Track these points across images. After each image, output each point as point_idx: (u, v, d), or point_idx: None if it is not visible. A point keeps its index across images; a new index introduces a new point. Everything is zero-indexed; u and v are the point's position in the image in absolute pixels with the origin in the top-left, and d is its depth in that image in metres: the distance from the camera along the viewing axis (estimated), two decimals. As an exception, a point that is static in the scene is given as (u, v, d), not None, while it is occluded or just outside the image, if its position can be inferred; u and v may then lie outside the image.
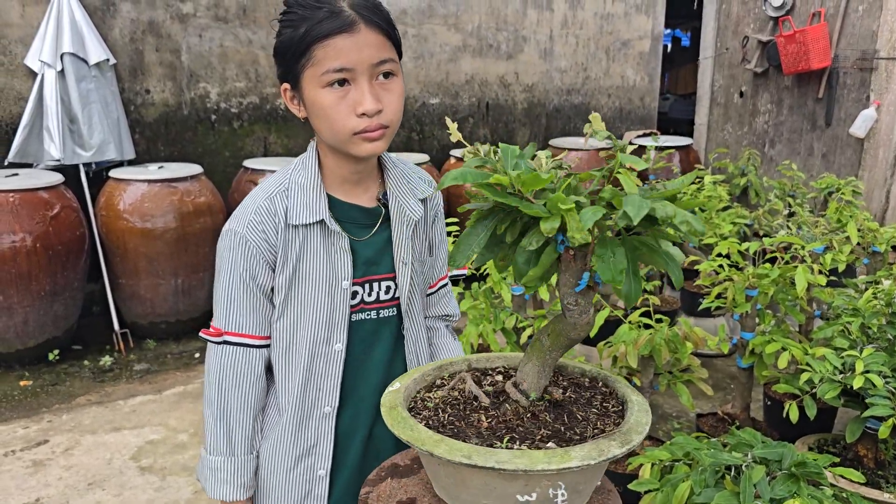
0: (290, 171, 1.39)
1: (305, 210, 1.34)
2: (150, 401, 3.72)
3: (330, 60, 1.22)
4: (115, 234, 4.29)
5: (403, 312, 1.46)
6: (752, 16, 6.90)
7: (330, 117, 1.26)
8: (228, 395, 1.39)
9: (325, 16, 1.22)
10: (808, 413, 2.28)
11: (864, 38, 6.11)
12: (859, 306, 2.37)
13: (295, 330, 1.39)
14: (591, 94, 6.92)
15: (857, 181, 4.60)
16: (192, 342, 4.48)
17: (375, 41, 1.24)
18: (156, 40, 4.77)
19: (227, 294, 1.37)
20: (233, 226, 1.35)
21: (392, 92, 1.28)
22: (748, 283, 2.54)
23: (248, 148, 5.25)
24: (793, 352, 2.35)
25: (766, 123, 6.96)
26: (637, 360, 2.27)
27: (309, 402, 1.42)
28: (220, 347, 1.39)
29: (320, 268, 1.36)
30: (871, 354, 2.17)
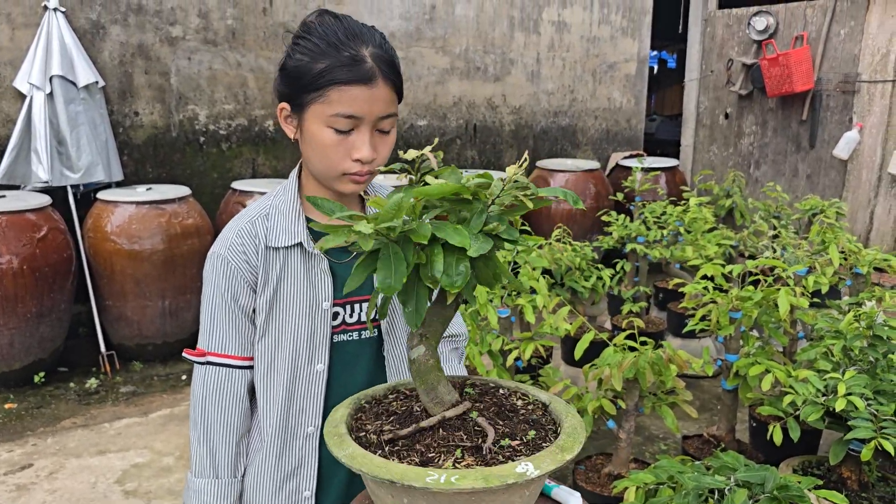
0: (273, 196, 1.44)
1: (284, 233, 1.38)
2: (135, 423, 3.69)
3: (343, 106, 1.26)
4: (102, 256, 4.28)
5: (384, 333, 1.48)
6: (736, 39, 7.00)
7: (327, 155, 1.31)
8: (212, 415, 1.41)
9: (348, 61, 1.26)
10: (792, 435, 2.30)
11: (846, 61, 6.21)
12: (841, 328, 2.40)
13: (277, 350, 1.41)
14: (578, 116, 6.99)
15: (840, 203, 4.66)
16: (179, 364, 4.46)
17: (387, 96, 1.30)
18: (145, 63, 4.79)
19: (210, 315, 1.40)
20: (216, 249, 1.40)
21: (385, 143, 1.34)
22: (732, 305, 2.56)
23: (236, 169, 5.27)
24: (776, 374, 2.37)
25: (752, 145, 7.04)
26: (622, 383, 2.28)
27: (292, 422, 1.43)
28: (204, 368, 1.41)
29: (301, 289, 1.39)
30: (853, 377, 2.20)
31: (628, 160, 6.71)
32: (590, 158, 7.10)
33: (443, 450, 0.96)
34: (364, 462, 0.93)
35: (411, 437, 1.00)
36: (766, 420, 3.00)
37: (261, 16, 5.16)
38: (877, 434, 2.07)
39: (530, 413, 1.08)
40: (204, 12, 4.94)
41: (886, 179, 6.06)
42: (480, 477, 0.86)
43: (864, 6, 6.05)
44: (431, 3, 5.89)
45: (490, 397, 1.13)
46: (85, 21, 4.54)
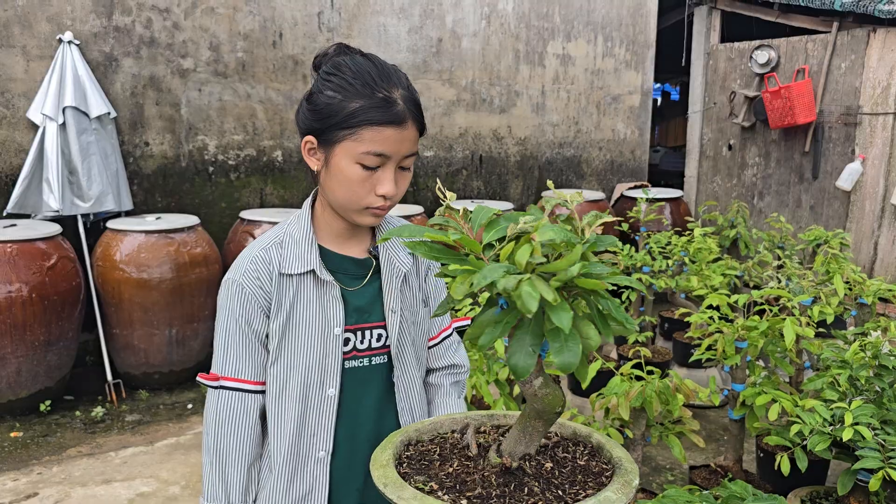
0: (286, 225, 1.48)
1: (297, 260, 1.42)
2: (141, 452, 3.69)
3: (376, 145, 1.31)
4: (110, 285, 4.31)
5: (393, 359, 1.50)
6: (738, 72, 7.08)
7: (353, 190, 1.35)
8: (224, 440, 1.43)
9: (381, 103, 1.31)
10: (800, 465, 2.30)
11: (848, 94, 6.28)
12: (847, 358, 2.41)
13: (289, 375, 1.44)
14: (583, 148, 7.05)
15: (844, 233, 4.68)
16: (185, 393, 4.47)
17: (413, 137, 1.36)
18: (156, 94, 4.87)
19: (224, 340, 1.44)
20: (230, 275, 1.44)
21: (405, 179, 1.40)
22: (737, 335, 2.57)
23: (244, 199, 5.32)
24: (783, 404, 2.37)
25: (755, 176, 7.09)
26: (629, 412, 2.28)
27: (303, 448, 1.45)
28: (217, 392, 1.44)
29: (313, 315, 1.43)
30: (860, 406, 2.20)
31: (633, 191, 6.76)
32: (595, 189, 7.15)
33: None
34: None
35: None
36: (773, 450, 2.99)
37: (270, 48, 5.25)
38: (885, 464, 2.07)
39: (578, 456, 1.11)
40: (215, 45, 5.03)
41: (890, 210, 6.08)
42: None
43: (864, 40, 6.13)
44: (438, 37, 5.98)
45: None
46: (98, 53, 4.63)
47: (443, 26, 6.01)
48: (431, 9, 5.93)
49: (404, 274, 1.50)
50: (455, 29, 6.08)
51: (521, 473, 1.07)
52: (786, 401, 2.38)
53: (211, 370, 1.46)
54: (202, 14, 4.96)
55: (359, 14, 5.58)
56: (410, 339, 1.52)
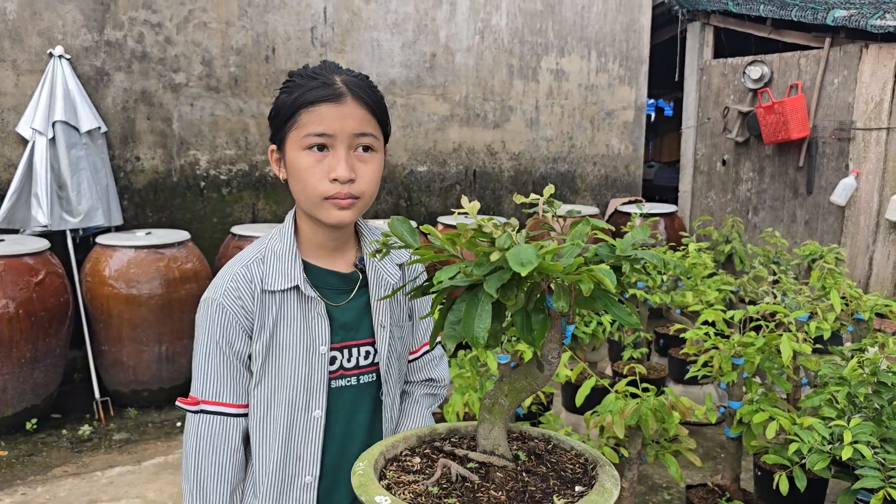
0: (268, 240, 1.42)
1: (280, 276, 1.36)
2: (128, 472, 3.62)
3: (313, 125, 1.28)
4: (99, 301, 4.26)
5: (382, 377, 1.45)
6: (731, 87, 7.09)
7: (304, 179, 1.31)
8: (205, 466, 1.37)
9: (318, 85, 1.30)
10: (798, 484, 2.25)
11: (841, 109, 6.28)
12: (845, 375, 2.37)
13: (273, 397, 1.38)
14: (577, 163, 7.04)
15: (839, 248, 4.65)
16: (174, 411, 4.40)
17: (359, 114, 1.30)
18: (147, 109, 4.84)
19: (204, 362, 1.38)
20: (210, 294, 1.37)
21: (367, 165, 1.33)
22: (734, 351, 2.53)
23: (236, 214, 5.28)
24: (781, 422, 2.33)
25: (749, 191, 7.08)
26: (624, 430, 2.24)
27: (289, 472, 1.40)
28: (198, 417, 1.38)
29: (297, 333, 1.37)
30: (859, 424, 2.16)
31: (627, 206, 6.74)
32: (589, 204, 7.13)
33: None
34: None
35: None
36: (771, 469, 2.94)
37: (263, 63, 5.23)
38: (885, 483, 2.03)
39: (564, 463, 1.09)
40: (207, 60, 5.01)
41: (885, 225, 6.07)
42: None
43: (856, 56, 6.15)
44: (432, 52, 5.98)
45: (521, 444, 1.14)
46: (89, 68, 4.60)
47: (436, 41, 6.01)
48: (425, 24, 5.93)
49: (392, 286, 1.44)
50: (448, 44, 6.07)
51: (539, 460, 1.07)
52: (783, 418, 2.34)
53: (190, 394, 1.40)
54: (195, 29, 4.94)
55: (352, 29, 5.57)
56: (397, 355, 1.48)
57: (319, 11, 5.42)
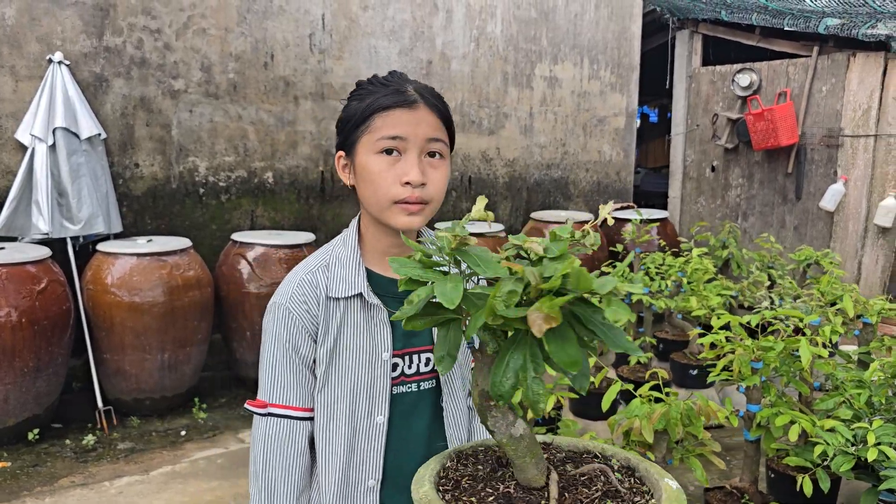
0: (332, 247, 1.45)
1: (344, 284, 1.39)
2: (137, 482, 3.59)
3: (387, 129, 1.31)
4: (101, 309, 4.21)
5: (442, 384, 1.47)
6: (720, 94, 7.20)
7: (376, 182, 1.33)
8: (273, 469, 1.39)
9: (390, 92, 1.33)
10: (822, 486, 2.30)
11: (829, 116, 6.40)
12: (864, 378, 2.42)
13: (337, 402, 1.40)
14: (570, 169, 7.10)
15: (833, 253, 4.75)
16: (178, 419, 4.37)
17: (431, 120, 1.33)
18: (146, 115, 4.81)
19: (271, 366, 1.41)
20: (277, 299, 1.41)
21: (437, 171, 1.35)
22: (754, 355, 2.58)
23: (234, 221, 5.25)
24: (802, 424, 2.37)
25: (739, 197, 7.18)
26: (652, 434, 2.27)
27: (352, 476, 1.42)
28: (265, 420, 1.40)
29: (361, 339, 1.39)
30: (882, 426, 2.21)
31: (619, 212, 6.80)
32: (581, 210, 7.19)
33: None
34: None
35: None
36: (784, 471, 2.99)
37: (262, 70, 5.22)
38: (910, 484, 2.08)
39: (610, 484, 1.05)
40: (206, 66, 4.99)
41: (873, 230, 6.19)
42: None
43: (844, 64, 6.28)
44: (428, 59, 6.00)
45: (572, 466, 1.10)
46: (88, 74, 4.56)
47: (433, 48, 6.04)
48: (422, 31, 5.95)
49: None
50: (445, 51, 6.10)
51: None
52: (805, 421, 2.38)
53: (258, 396, 1.42)
54: (194, 35, 4.92)
55: (350, 36, 5.58)
56: (458, 363, 1.49)
57: (318, 18, 5.42)
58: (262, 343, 1.43)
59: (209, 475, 3.66)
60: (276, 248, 4.68)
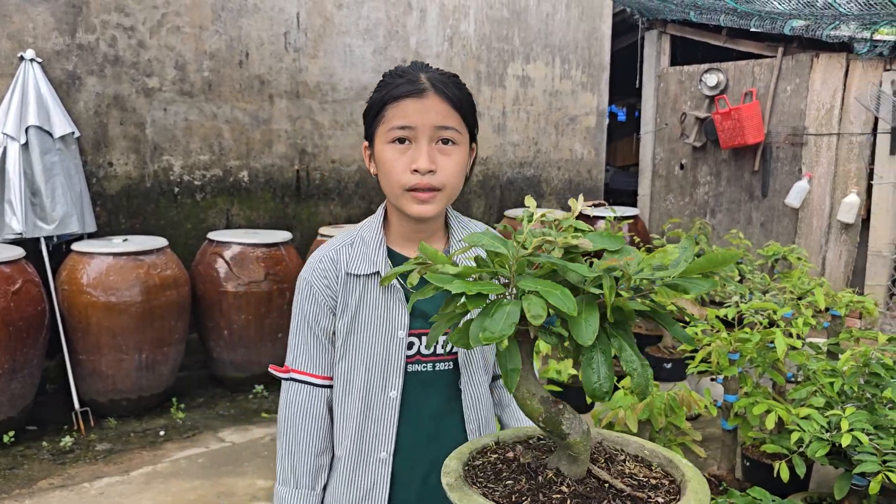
0: (360, 227, 1.52)
1: (365, 261, 1.46)
2: (117, 482, 3.56)
3: (397, 119, 1.37)
4: (76, 309, 4.17)
5: (461, 367, 1.50)
6: (688, 94, 7.34)
7: (388, 171, 1.39)
8: (294, 429, 1.50)
9: (403, 82, 1.38)
10: (799, 471, 2.38)
11: (794, 115, 6.57)
12: (837, 368, 2.52)
13: (352, 374, 1.47)
14: (542, 167, 7.18)
15: (800, 249, 4.88)
16: (156, 419, 4.34)
17: (440, 108, 1.38)
18: (120, 114, 4.76)
19: (295, 335, 1.51)
20: (303, 273, 1.50)
21: (448, 157, 1.40)
22: (731, 347, 2.66)
23: (210, 220, 5.23)
24: (779, 412, 2.46)
25: (707, 194, 7.33)
26: (636, 425, 2.33)
27: (366, 446, 1.48)
28: (288, 384, 1.52)
29: (378, 316, 1.46)
30: (854, 413, 2.30)
31: (591, 209, 6.90)
32: (554, 208, 7.27)
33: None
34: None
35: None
36: (759, 458, 3.09)
37: (237, 68, 5.20)
38: (882, 468, 2.17)
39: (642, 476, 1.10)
40: (181, 64, 4.95)
41: (836, 226, 6.37)
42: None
43: (808, 65, 6.45)
44: (403, 58, 6.03)
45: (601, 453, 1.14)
46: (61, 72, 4.51)
47: (407, 47, 6.07)
48: (396, 30, 5.98)
49: None
50: (419, 50, 6.14)
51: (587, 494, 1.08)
52: (781, 410, 2.47)
53: (285, 363, 1.53)
54: (168, 33, 4.88)
55: (324, 35, 5.58)
56: (479, 349, 1.53)
57: (292, 17, 5.41)
58: (291, 313, 1.53)
59: (191, 475, 3.65)
60: (254, 247, 4.67)
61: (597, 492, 1.02)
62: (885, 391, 2.40)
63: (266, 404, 4.59)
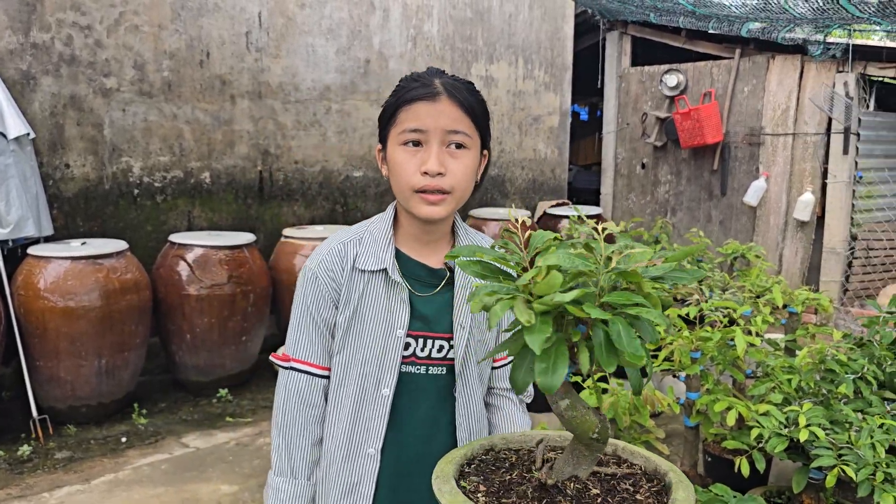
0: (370, 223, 1.54)
1: (372, 258, 1.47)
2: (78, 491, 3.49)
3: (409, 121, 1.39)
4: (33, 314, 4.07)
5: (457, 374, 1.51)
6: (649, 94, 7.44)
7: (399, 172, 1.41)
8: (291, 418, 1.50)
9: (417, 86, 1.41)
10: (759, 466, 2.44)
11: (751, 116, 6.71)
12: (794, 365, 2.58)
13: (349, 368, 1.49)
14: (507, 167, 7.22)
15: (758, 247, 4.98)
16: (117, 426, 4.26)
17: (452, 112, 1.40)
18: (77, 114, 4.67)
19: (297, 324, 1.52)
20: (309, 263, 1.51)
21: (458, 161, 1.42)
22: (693, 346, 2.71)
23: (171, 222, 5.15)
24: (739, 409, 2.51)
25: (668, 193, 7.45)
26: (601, 424, 2.36)
27: (356, 440, 1.49)
28: (287, 372, 1.52)
29: (379, 313, 1.48)
30: (811, 409, 2.36)
31: (555, 208, 6.96)
32: (518, 207, 7.32)
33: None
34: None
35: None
36: (720, 454, 3.15)
37: (198, 68, 5.13)
38: (838, 462, 2.23)
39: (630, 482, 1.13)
40: (140, 64, 4.87)
41: (792, 224, 6.52)
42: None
43: (764, 66, 6.59)
44: (366, 58, 6.01)
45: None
46: (15, 71, 4.40)
47: (370, 47, 6.05)
48: (359, 30, 5.96)
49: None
50: (382, 50, 6.12)
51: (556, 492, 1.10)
52: (742, 406, 2.52)
53: (283, 351, 1.53)
54: (126, 32, 4.80)
55: (287, 34, 5.54)
56: (475, 356, 1.54)
57: (254, 16, 5.36)
58: (293, 302, 1.54)
59: (154, 481, 3.60)
60: (217, 249, 4.61)
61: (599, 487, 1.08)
62: (840, 387, 2.46)
63: (231, 408, 4.54)
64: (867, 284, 6.34)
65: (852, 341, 2.82)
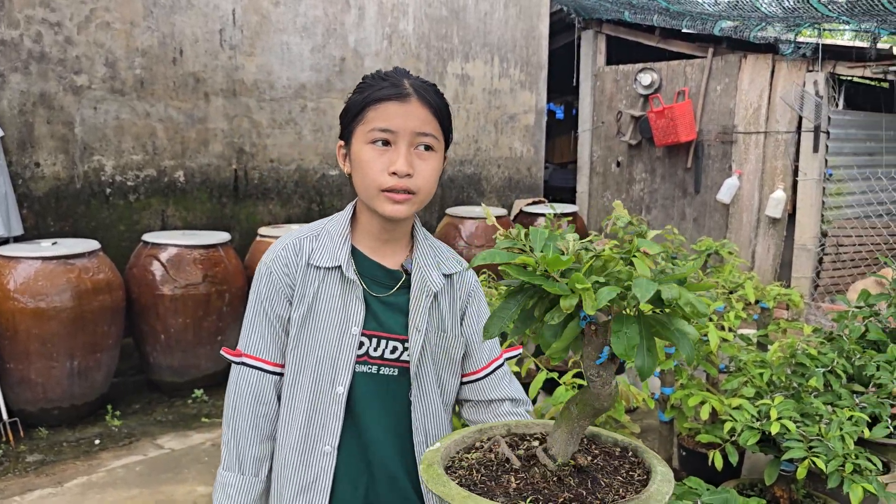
0: (327, 221, 1.53)
1: (327, 255, 1.46)
2: (50, 494, 3.45)
3: (379, 121, 1.38)
4: (3, 316, 4.01)
5: (412, 378, 1.50)
6: (624, 93, 7.50)
7: (365, 171, 1.40)
8: (241, 414, 1.49)
9: (387, 86, 1.40)
10: (731, 459, 2.47)
11: (724, 114, 6.79)
12: (766, 359, 2.61)
13: (303, 365, 1.48)
14: (483, 165, 7.23)
15: (732, 244, 5.04)
16: (90, 428, 4.21)
17: (422, 114, 1.40)
18: (47, 112, 4.60)
19: (250, 319, 1.51)
20: (264, 258, 1.51)
21: (426, 163, 1.42)
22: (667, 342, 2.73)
23: (144, 221, 5.09)
24: (712, 403, 2.54)
25: (642, 191, 7.51)
26: (577, 420, 2.37)
27: (311, 438, 1.48)
28: (239, 368, 1.51)
29: (333, 310, 1.47)
30: (782, 402, 2.40)
31: (531, 206, 6.99)
32: (494, 205, 7.33)
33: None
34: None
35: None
36: (694, 448, 3.19)
37: (170, 65, 5.07)
38: (809, 454, 2.27)
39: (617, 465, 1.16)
40: (111, 61, 4.81)
41: (764, 221, 6.61)
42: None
43: (736, 65, 6.66)
44: (341, 56, 5.99)
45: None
46: (-18, 69, 4.33)
47: (345, 46, 6.02)
48: (334, 28, 5.93)
49: (434, 294, 1.50)
50: (357, 48, 6.10)
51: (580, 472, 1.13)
52: (715, 401, 2.55)
53: (237, 346, 1.52)
54: (97, 29, 4.73)
55: (261, 32, 5.50)
56: (432, 361, 1.52)
57: (228, 13, 5.31)
58: (249, 297, 1.52)
59: (128, 483, 3.56)
60: (191, 249, 4.57)
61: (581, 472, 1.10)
62: (810, 380, 2.50)
63: (206, 409, 4.50)
64: (837, 280, 6.44)
65: (822, 336, 2.86)
